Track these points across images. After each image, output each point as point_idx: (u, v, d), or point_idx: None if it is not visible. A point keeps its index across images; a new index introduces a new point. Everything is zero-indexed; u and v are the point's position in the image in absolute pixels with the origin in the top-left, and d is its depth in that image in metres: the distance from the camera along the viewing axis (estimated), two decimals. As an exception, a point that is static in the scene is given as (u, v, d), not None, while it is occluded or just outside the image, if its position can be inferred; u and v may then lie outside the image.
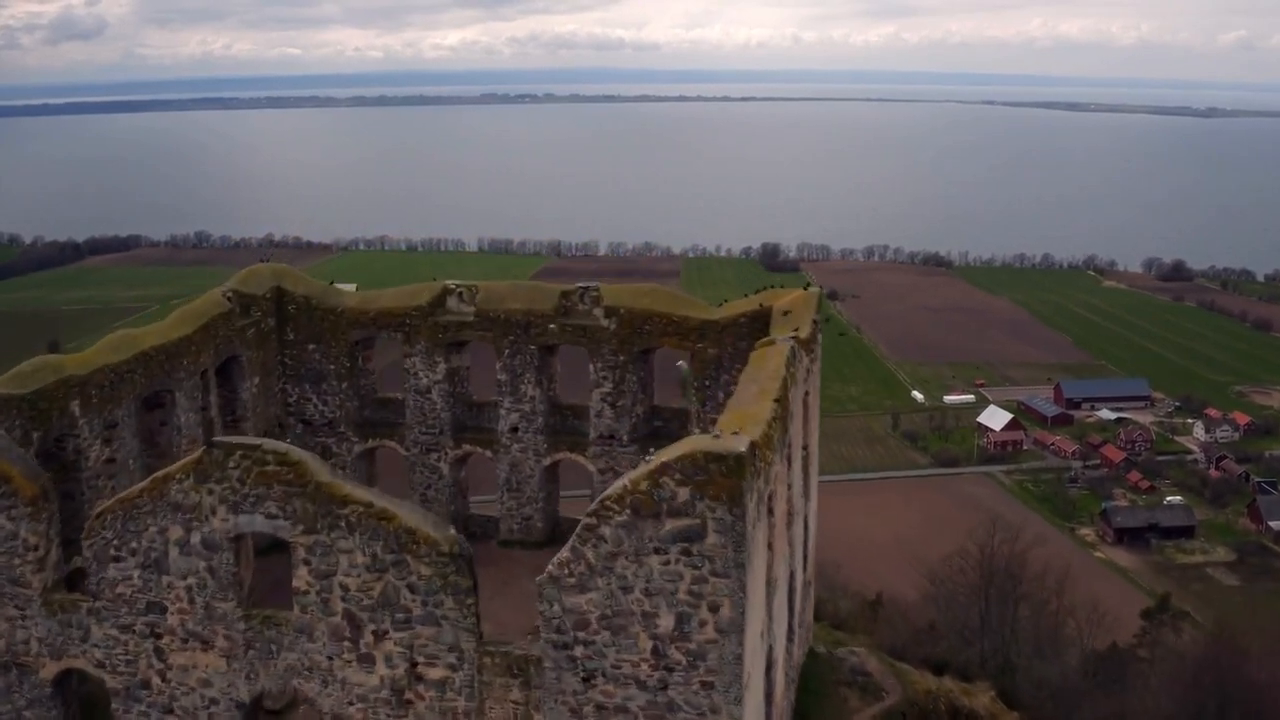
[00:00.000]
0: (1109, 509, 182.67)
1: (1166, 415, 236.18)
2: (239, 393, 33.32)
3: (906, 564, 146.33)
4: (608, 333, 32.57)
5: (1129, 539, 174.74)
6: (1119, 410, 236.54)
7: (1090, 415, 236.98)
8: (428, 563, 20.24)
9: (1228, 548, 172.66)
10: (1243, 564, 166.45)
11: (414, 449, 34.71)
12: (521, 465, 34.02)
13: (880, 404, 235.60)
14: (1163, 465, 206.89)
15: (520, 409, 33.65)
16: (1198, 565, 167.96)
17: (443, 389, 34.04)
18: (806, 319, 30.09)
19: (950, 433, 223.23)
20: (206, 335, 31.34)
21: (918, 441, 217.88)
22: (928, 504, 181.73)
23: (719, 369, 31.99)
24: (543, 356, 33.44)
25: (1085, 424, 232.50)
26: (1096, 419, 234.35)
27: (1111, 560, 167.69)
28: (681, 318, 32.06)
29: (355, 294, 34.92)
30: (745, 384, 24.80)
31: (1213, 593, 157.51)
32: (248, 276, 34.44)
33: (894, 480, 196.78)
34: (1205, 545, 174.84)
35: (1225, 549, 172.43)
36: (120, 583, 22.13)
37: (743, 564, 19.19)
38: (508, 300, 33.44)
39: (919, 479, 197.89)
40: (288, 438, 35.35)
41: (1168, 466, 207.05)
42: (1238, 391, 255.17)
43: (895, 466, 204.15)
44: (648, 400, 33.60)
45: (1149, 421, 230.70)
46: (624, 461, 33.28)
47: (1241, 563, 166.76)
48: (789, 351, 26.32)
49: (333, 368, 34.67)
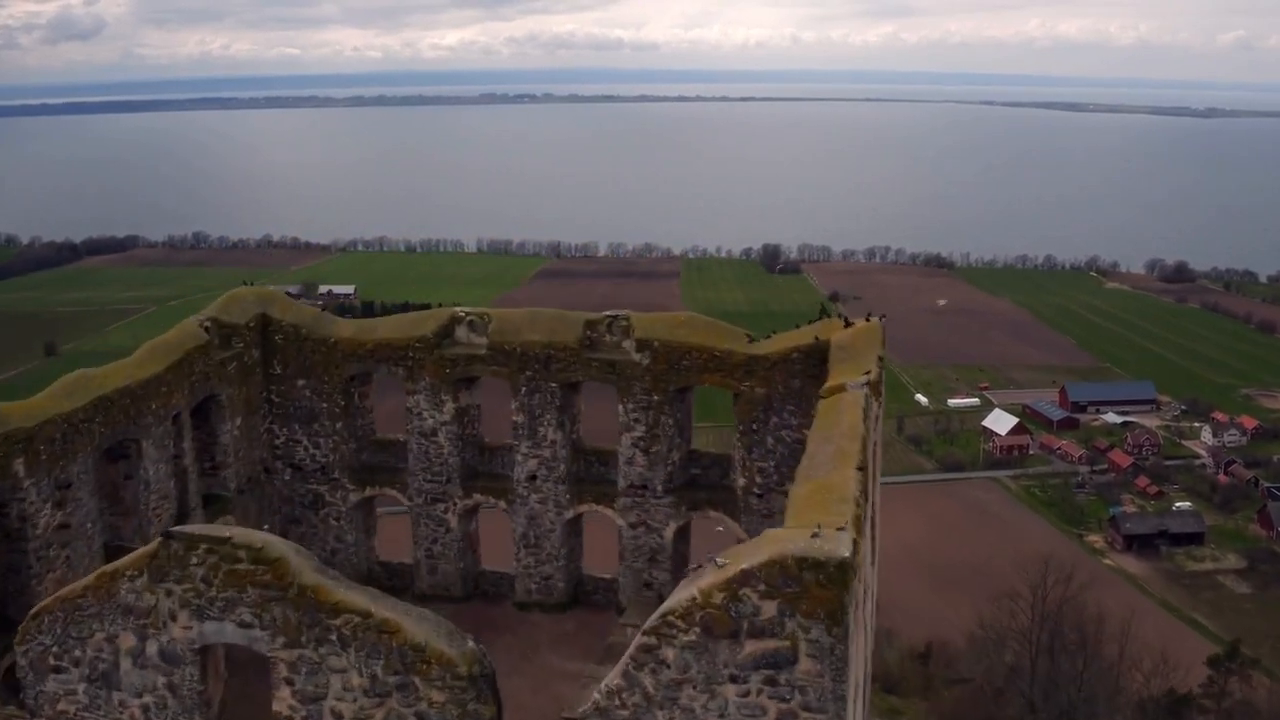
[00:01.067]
0: (1117, 515, 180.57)
1: (1173, 419, 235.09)
2: (218, 436, 29.18)
3: (916, 572, 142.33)
4: (640, 369, 28.43)
5: (1138, 546, 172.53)
6: (1125, 414, 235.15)
7: (1096, 419, 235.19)
8: (440, 687, 16.02)
9: (1238, 554, 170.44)
10: (1254, 571, 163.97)
11: (418, 498, 30.58)
12: (540, 518, 29.88)
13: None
14: (1171, 470, 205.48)
15: (539, 454, 29.51)
16: (1208, 573, 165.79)
17: (450, 431, 29.89)
18: (871, 356, 26.00)
19: (955, 436, 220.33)
20: (180, 372, 27.19)
21: (922, 446, 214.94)
22: (934, 510, 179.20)
23: (768, 410, 27.89)
24: (565, 395, 29.28)
25: (1091, 428, 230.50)
26: (1102, 423, 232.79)
27: (1121, 568, 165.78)
28: (725, 352, 27.92)
29: (350, 323, 30.65)
30: (818, 443, 20.69)
31: (1224, 601, 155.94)
32: (228, 303, 30.22)
33: (899, 486, 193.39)
34: (1215, 552, 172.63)
35: (1236, 556, 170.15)
36: (62, 698, 17.91)
37: (843, 695, 15.04)
38: (525, 331, 29.23)
39: (925, 484, 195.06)
40: (275, 483, 31.28)
41: (1176, 471, 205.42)
42: (1244, 394, 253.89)
43: (900, 471, 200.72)
44: (685, 445, 29.48)
45: (1155, 425, 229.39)
46: (657, 515, 29.21)
47: (1253, 570, 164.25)
48: (864, 401, 22.25)
49: (325, 406, 30.50)
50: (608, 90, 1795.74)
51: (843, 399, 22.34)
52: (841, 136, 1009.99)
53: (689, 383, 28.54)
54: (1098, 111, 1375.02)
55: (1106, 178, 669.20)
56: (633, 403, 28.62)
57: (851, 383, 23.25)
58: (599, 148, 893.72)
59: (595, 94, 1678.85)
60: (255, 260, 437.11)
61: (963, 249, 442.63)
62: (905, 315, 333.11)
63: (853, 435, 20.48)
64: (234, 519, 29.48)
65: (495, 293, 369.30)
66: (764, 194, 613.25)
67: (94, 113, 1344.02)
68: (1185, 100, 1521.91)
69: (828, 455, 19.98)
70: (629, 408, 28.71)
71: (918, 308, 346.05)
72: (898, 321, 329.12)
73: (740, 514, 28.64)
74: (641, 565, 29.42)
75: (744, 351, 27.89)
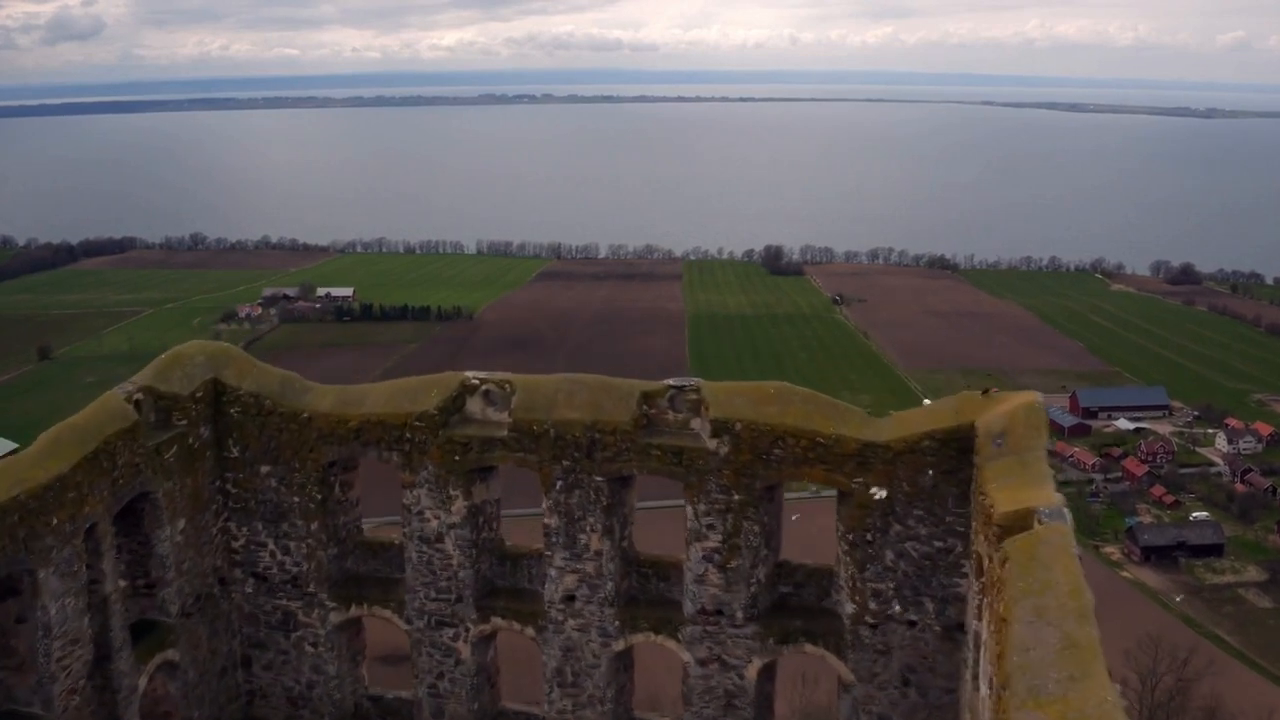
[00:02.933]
0: (1134, 526, 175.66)
1: (1186, 425, 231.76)
2: (154, 545, 21.96)
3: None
4: (716, 459, 21.25)
5: (1156, 558, 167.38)
6: (1137, 420, 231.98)
7: (1108, 425, 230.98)
8: None
9: (1259, 567, 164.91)
10: (1275, 584, 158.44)
11: (419, 621, 23.32)
12: (580, 650, 22.66)
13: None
14: (1186, 478, 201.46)
15: (579, 568, 22.29)
16: (1228, 585, 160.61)
17: (461, 536, 22.66)
18: (1038, 448, 18.94)
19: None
20: (95, 470, 20.00)
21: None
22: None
23: (888, 516, 20.76)
24: (614, 492, 22.04)
25: (1103, 434, 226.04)
26: (1114, 429, 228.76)
27: (1140, 581, 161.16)
28: (832, 438, 20.68)
29: (330, 392, 23.20)
30: (1027, 624, 13.53)
31: (1246, 615, 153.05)
32: (169, 365, 22.86)
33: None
34: (1235, 564, 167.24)
35: (1256, 568, 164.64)
36: None
37: None
38: (561, 405, 21.91)
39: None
40: (234, 597, 24.10)
41: (1191, 480, 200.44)
42: (1257, 400, 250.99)
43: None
44: (773, 557, 22.27)
45: (1168, 432, 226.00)
46: (736, 649, 21.96)
47: (1274, 582, 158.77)
48: (1074, 541, 15.14)
49: (297, 501, 23.27)
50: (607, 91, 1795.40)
51: (1043, 543, 15.14)
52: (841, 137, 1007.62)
53: (781, 477, 21.34)
54: (1097, 112, 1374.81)
55: (1107, 178, 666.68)
56: (705, 504, 21.44)
57: (1044, 508, 16.10)
58: (598, 148, 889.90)
59: (594, 95, 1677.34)
60: (253, 262, 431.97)
61: (966, 250, 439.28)
62: (910, 318, 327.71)
63: (1083, 615, 13.34)
64: (177, 652, 22.35)
65: (496, 294, 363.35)
66: (764, 195, 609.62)
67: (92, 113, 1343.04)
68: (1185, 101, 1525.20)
69: (1052, 651, 12.86)
70: (700, 510, 21.51)
71: (922, 310, 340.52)
72: (902, 324, 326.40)
73: (847, 649, 21.51)
74: (714, 713, 22.28)
75: (857, 436, 20.68)
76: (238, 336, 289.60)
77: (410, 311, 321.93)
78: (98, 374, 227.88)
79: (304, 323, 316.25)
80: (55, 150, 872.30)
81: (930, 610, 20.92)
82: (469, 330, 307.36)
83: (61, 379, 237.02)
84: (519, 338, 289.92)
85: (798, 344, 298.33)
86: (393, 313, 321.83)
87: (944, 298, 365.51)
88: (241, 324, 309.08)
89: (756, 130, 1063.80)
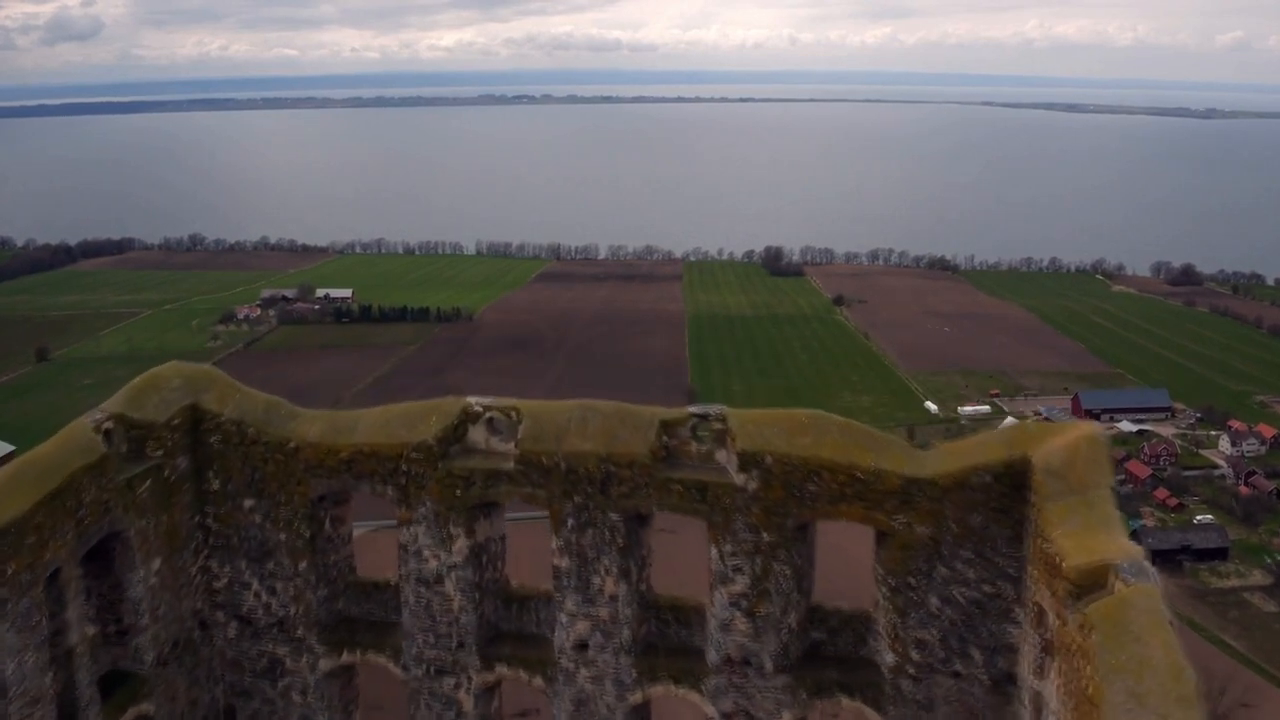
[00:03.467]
0: (1139, 530, 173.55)
1: (1189, 427, 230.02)
2: (126, 589, 20.03)
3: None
4: (744, 495, 19.29)
5: (1160, 562, 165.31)
6: (1139, 422, 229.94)
7: (1111, 427, 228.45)
8: None
9: (1264, 570, 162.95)
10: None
11: (417, 669, 21.35)
12: (594, 703, 20.70)
13: (893, 416, 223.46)
14: (1189, 481, 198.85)
15: (592, 614, 20.33)
16: (1233, 590, 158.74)
17: (463, 578, 20.69)
18: (1104, 482, 17.03)
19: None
20: (58, 509, 18.04)
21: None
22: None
23: (933, 558, 18.81)
24: (630, 531, 20.07)
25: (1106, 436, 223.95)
26: (1117, 431, 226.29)
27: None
28: (873, 472, 18.72)
29: (319, 418, 21.20)
30: (1126, 713, 11.60)
31: (1252, 620, 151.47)
32: (143, 390, 20.87)
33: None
34: (1240, 568, 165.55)
35: (1261, 572, 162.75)
36: None
37: None
38: (572, 435, 19.90)
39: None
40: (215, 641, 22.14)
41: (1195, 482, 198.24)
42: (1259, 401, 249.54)
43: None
44: (805, 601, 20.30)
45: (1171, 434, 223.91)
46: (765, 701, 20.00)
47: (1279, 586, 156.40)
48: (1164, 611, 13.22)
49: (284, 537, 21.31)
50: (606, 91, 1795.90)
51: (1133, 609, 13.18)
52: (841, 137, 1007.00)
53: (815, 516, 19.38)
54: (1097, 112, 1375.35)
55: (1107, 178, 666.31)
56: (732, 544, 19.48)
57: (1124, 563, 14.14)
58: (598, 149, 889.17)
59: (594, 95, 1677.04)
60: (252, 263, 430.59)
61: (966, 251, 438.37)
62: (911, 319, 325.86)
63: (1187, 702, 11.40)
64: (152, 705, 20.39)
65: (495, 295, 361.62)
66: (764, 195, 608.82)
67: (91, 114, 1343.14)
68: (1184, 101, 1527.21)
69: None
70: (727, 551, 19.55)
71: (922, 312, 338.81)
72: (903, 326, 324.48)
73: (887, 703, 19.56)
74: None
75: (900, 472, 18.73)
76: (236, 338, 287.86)
77: (409, 312, 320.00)
78: (96, 375, 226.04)
79: (303, 324, 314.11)
80: (54, 150, 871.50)
81: (978, 660, 19.03)
82: (468, 331, 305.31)
83: (60, 380, 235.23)
84: (519, 339, 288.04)
85: (798, 345, 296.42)
86: (392, 314, 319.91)
87: (944, 298, 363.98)
88: (240, 325, 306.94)
89: (756, 131, 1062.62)
